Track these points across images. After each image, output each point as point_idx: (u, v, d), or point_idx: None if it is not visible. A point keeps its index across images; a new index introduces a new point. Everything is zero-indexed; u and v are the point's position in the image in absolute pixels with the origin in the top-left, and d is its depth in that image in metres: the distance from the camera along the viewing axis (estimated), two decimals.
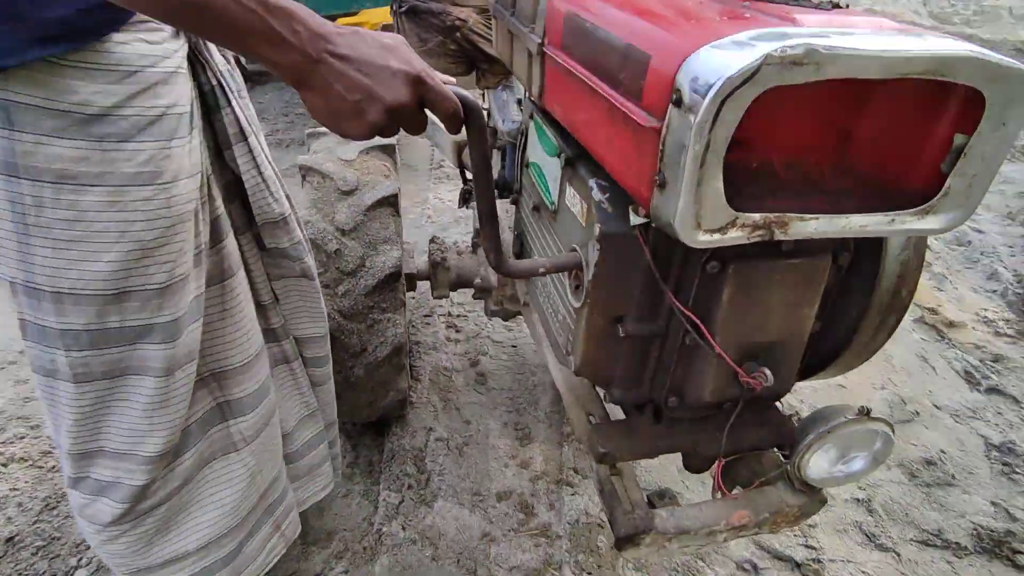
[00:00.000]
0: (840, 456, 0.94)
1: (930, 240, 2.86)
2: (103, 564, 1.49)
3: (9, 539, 1.57)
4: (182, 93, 0.86)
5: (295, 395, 1.27)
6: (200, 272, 0.94)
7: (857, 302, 0.97)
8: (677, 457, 1.14)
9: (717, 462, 1.02)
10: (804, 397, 2.12)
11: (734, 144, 0.76)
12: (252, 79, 5.02)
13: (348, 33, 0.67)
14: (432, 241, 1.89)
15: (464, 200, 2.30)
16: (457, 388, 2.09)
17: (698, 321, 0.86)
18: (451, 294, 2.01)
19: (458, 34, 1.57)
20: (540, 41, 1.00)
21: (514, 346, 2.29)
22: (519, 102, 1.66)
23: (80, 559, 1.53)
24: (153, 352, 0.88)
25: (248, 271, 1.08)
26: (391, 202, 1.57)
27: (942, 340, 2.50)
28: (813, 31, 0.61)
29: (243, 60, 4.09)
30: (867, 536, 1.69)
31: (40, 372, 0.88)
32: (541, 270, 0.95)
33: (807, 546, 1.63)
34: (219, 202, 0.98)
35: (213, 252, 0.98)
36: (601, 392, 1.18)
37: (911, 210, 0.70)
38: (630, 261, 0.86)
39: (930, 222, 0.70)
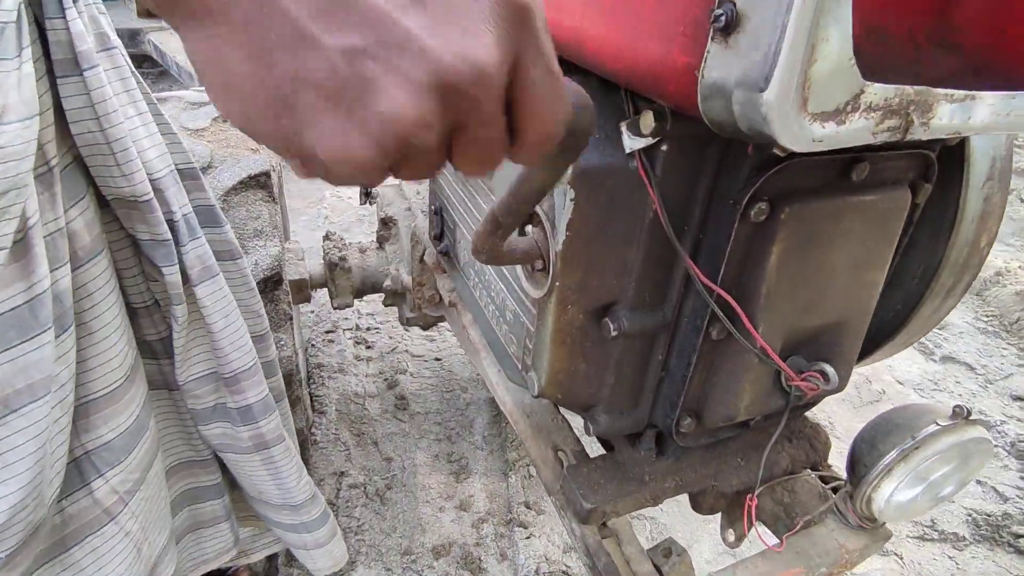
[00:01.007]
0: (922, 478, 0.66)
1: None
2: None
3: None
4: None
5: (176, 432, 0.90)
6: (34, 260, 0.56)
7: (921, 258, 0.70)
8: None
9: (748, 499, 0.72)
10: None
11: None
12: None
13: None
14: (326, 238, 1.51)
15: (366, 195, 1.94)
16: (372, 417, 1.70)
17: (732, 300, 0.55)
18: (356, 302, 1.62)
19: None
20: None
21: (438, 359, 1.93)
22: None
23: None
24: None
25: (114, 260, 0.71)
26: (262, 183, 1.17)
27: None
28: None
29: None
30: None
31: None
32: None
33: None
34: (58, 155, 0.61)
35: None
36: (565, 413, 0.86)
37: None
38: (623, 212, 0.54)
39: None
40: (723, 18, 0.33)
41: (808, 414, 0.82)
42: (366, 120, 0.24)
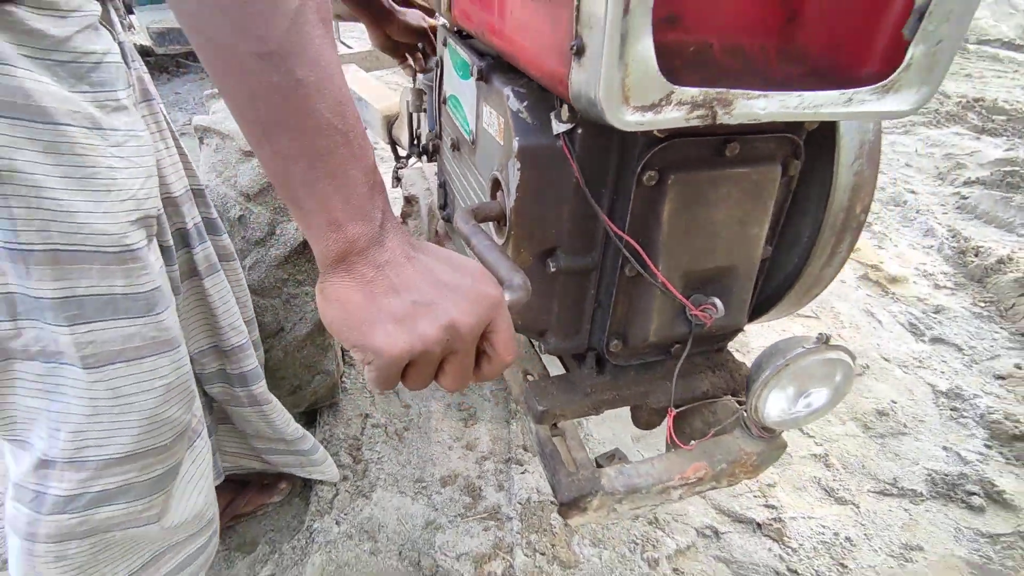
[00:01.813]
0: (799, 393, 0.84)
1: None
2: None
3: None
4: (108, 41, 0.75)
5: None
6: (154, 249, 0.85)
7: (809, 222, 0.88)
8: (631, 426, 1.04)
9: (668, 413, 0.92)
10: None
11: (667, 23, 0.64)
12: (168, 70, 4.70)
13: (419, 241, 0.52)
14: None
15: (397, 179, 2.17)
16: None
17: (637, 246, 0.75)
18: None
19: None
20: None
21: None
22: None
23: None
24: (168, 322, 0.81)
25: None
26: None
27: (886, 295, 2.50)
28: None
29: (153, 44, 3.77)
30: (826, 491, 1.64)
31: (39, 358, 0.74)
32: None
33: (767, 506, 1.56)
34: None
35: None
36: (538, 345, 1.06)
37: (869, 87, 0.61)
38: (556, 179, 0.74)
39: (892, 102, 0.61)
40: (575, 46, 0.52)
41: None
42: (413, 332, 0.45)
